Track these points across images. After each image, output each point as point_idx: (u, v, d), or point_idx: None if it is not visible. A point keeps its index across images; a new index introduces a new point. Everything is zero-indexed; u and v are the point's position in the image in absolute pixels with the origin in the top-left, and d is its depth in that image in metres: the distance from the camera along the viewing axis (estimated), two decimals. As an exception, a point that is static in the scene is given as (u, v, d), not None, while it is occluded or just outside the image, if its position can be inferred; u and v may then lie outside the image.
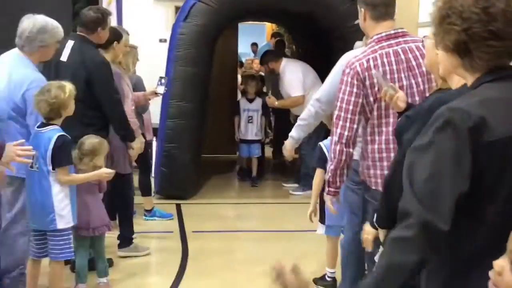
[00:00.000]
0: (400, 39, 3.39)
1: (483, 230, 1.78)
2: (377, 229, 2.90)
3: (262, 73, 9.98)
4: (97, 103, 4.88)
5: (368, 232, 3.00)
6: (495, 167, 1.74)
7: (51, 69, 4.84)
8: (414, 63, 3.36)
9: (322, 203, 4.49)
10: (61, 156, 4.10)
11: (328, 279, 4.80)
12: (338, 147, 3.39)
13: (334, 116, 3.44)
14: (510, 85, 1.85)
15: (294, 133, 4.69)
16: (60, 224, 4.12)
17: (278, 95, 7.97)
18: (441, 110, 1.82)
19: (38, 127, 4.11)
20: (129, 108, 5.38)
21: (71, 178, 4.20)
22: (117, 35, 5.50)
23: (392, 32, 3.39)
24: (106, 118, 4.98)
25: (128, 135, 5.17)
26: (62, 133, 4.11)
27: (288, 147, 4.76)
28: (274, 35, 12.06)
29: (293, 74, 7.65)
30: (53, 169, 4.08)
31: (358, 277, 4.04)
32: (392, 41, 3.38)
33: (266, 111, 8.73)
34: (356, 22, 4.24)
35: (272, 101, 7.78)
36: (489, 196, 1.76)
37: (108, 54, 5.37)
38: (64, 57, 4.88)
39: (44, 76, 4.29)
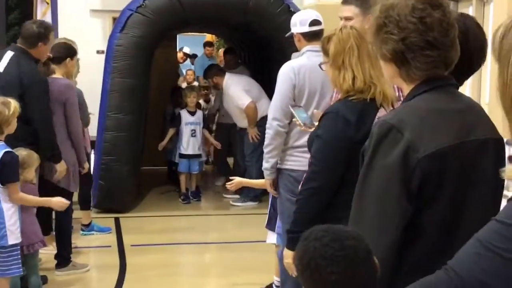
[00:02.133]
0: None
1: (423, 241, 1.79)
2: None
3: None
4: (29, 117, 4.76)
5: (287, 256, 2.95)
6: (432, 180, 1.75)
7: None
8: None
9: (272, 209, 4.47)
10: (10, 173, 4.06)
11: None
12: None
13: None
14: (443, 96, 1.86)
15: (266, 164, 4.17)
16: (11, 240, 4.06)
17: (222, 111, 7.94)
18: (374, 128, 1.84)
19: None
20: (80, 126, 5.42)
21: (23, 197, 4.16)
22: (71, 51, 5.44)
23: None
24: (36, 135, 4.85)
25: (54, 156, 5.05)
26: (8, 149, 4.05)
27: (268, 183, 4.20)
28: (206, 44, 12.03)
29: (238, 86, 7.66)
30: (2, 184, 4.03)
31: (298, 288, 4.03)
32: None
33: (206, 124, 8.42)
34: (287, 35, 4.29)
35: (253, 132, 7.62)
36: (429, 207, 1.77)
37: (59, 70, 5.31)
38: (0, 68, 4.76)
39: None
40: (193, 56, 12.95)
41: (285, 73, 4.05)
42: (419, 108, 1.83)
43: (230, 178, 4.48)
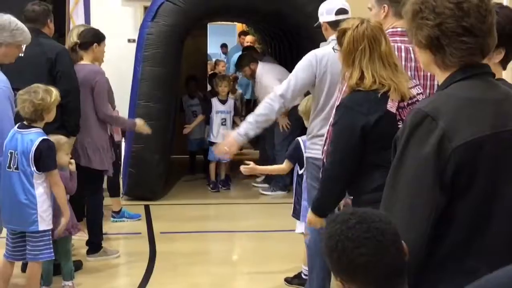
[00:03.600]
0: (397, 38, 3.29)
1: (453, 232, 1.78)
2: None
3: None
4: (60, 92, 4.81)
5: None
6: (466, 170, 1.73)
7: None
8: (413, 64, 3.30)
9: (296, 198, 4.48)
10: (49, 161, 4.13)
11: (304, 277, 4.75)
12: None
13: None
14: (479, 84, 1.84)
15: (247, 130, 4.06)
16: (42, 226, 4.13)
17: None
18: (408, 116, 1.82)
19: (18, 127, 4.09)
20: (109, 108, 5.50)
21: (55, 188, 4.23)
22: (98, 36, 5.49)
23: (390, 31, 3.29)
24: (64, 109, 4.82)
25: (76, 130, 5.08)
26: (46, 136, 4.12)
27: (234, 144, 4.08)
28: (241, 33, 12.02)
29: (271, 75, 7.62)
30: (38, 171, 4.09)
31: (326, 278, 4.04)
32: (406, 38, 3.32)
33: (237, 112, 8.43)
34: (316, 24, 4.27)
35: (284, 121, 7.57)
36: (461, 197, 1.76)
37: (87, 56, 5.37)
38: (21, 53, 4.82)
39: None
40: (224, 46, 12.95)
41: (308, 59, 4.07)
42: (454, 97, 1.80)
43: (246, 162, 4.44)
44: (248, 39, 11.14)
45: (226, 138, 4.18)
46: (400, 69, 2.96)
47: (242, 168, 4.40)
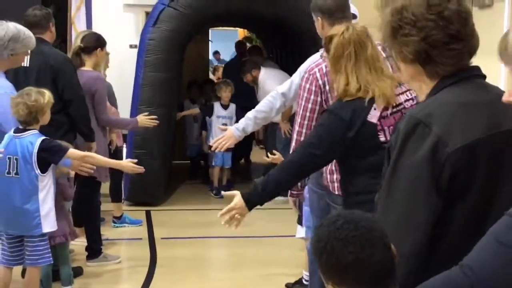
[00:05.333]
0: None
1: (451, 235, 1.77)
2: None
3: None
4: (63, 105, 4.84)
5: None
6: (462, 174, 1.72)
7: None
8: None
9: (300, 203, 4.47)
10: (56, 153, 4.10)
11: (305, 282, 4.74)
12: None
13: (297, 124, 3.43)
14: (469, 87, 1.83)
15: (245, 125, 4.10)
16: (46, 228, 4.11)
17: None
18: (400, 124, 1.81)
19: (14, 132, 4.08)
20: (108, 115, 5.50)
21: (88, 154, 4.37)
22: (101, 41, 5.51)
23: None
24: (71, 118, 4.92)
25: (92, 134, 5.13)
26: (44, 136, 4.12)
27: (231, 137, 4.11)
28: (238, 43, 11.98)
29: (274, 81, 7.58)
30: (42, 172, 4.07)
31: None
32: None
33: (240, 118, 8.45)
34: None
35: (286, 127, 7.53)
36: (458, 201, 1.75)
37: (90, 60, 5.38)
38: (25, 63, 4.82)
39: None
40: (216, 53, 12.95)
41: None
42: (446, 101, 1.79)
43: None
44: (240, 35, 11.05)
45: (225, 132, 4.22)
46: (387, 73, 2.95)
47: (267, 158, 4.46)
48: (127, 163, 4.50)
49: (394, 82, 2.91)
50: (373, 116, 2.82)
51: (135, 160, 4.54)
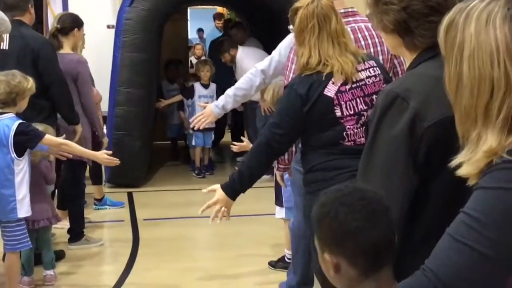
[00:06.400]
0: (350, 19, 3.32)
1: (429, 211, 1.76)
2: None
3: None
4: (44, 88, 4.77)
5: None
6: (439, 149, 1.72)
7: None
8: (363, 43, 3.30)
9: (277, 185, 4.46)
10: (32, 137, 4.05)
11: (288, 260, 4.76)
12: None
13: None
14: None
15: (225, 103, 4.12)
16: (21, 213, 4.07)
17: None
18: (378, 98, 1.81)
19: None
20: (93, 100, 5.44)
21: (63, 142, 4.26)
22: (78, 22, 5.45)
23: (342, 11, 3.29)
24: (53, 101, 4.87)
25: (75, 117, 5.09)
26: (21, 120, 4.06)
27: (210, 114, 4.13)
28: (216, 17, 11.88)
29: (251, 60, 7.53)
30: (19, 156, 4.02)
31: (308, 263, 4.02)
32: (342, 20, 3.33)
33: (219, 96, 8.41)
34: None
35: (265, 105, 7.49)
36: (435, 177, 1.74)
37: (68, 42, 5.31)
38: (4, 46, 4.75)
39: None
40: (200, 30, 12.85)
41: (291, 38, 4.01)
42: (424, 76, 1.78)
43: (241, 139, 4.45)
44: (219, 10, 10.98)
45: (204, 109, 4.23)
46: (352, 49, 2.93)
47: (234, 147, 4.45)
48: (101, 155, 4.45)
49: (357, 58, 2.89)
50: (330, 90, 2.81)
51: (110, 152, 4.52)
